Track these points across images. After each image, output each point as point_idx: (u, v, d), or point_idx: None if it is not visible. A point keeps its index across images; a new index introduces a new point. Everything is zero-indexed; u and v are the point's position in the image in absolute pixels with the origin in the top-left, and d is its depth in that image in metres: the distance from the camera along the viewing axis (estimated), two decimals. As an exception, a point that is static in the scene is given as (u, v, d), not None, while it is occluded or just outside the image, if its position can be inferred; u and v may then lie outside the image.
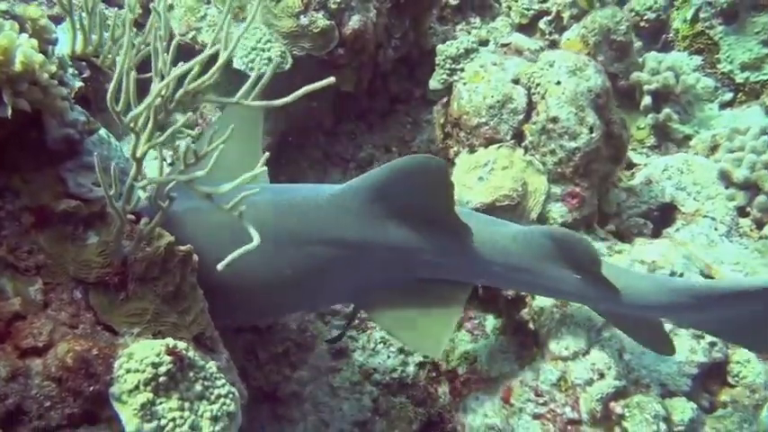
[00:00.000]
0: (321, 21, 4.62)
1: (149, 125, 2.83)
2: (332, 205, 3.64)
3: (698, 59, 5.93)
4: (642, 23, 6.37)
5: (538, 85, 4.52)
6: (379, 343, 4.72)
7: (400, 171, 3.46)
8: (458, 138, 4.68)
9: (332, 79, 2.74)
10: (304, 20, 4.61)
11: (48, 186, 3.04)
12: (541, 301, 4.17)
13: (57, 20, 4.11)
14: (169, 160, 4.71)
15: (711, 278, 4.21)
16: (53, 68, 2.93)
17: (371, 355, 4.70)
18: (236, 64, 4.65)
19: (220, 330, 3.38)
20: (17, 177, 3.00)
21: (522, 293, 4.27)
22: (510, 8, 6.26)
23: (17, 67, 2.70)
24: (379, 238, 3.65)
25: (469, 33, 5.80)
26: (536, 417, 3.90)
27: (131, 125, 2.81)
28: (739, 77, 5.79)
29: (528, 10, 6.20)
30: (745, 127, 5.04)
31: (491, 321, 4.55)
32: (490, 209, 4.32)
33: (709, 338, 3.96)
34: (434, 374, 4.66)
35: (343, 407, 4.57)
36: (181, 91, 2.89)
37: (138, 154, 2.86)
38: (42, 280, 2.94)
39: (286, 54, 4.61)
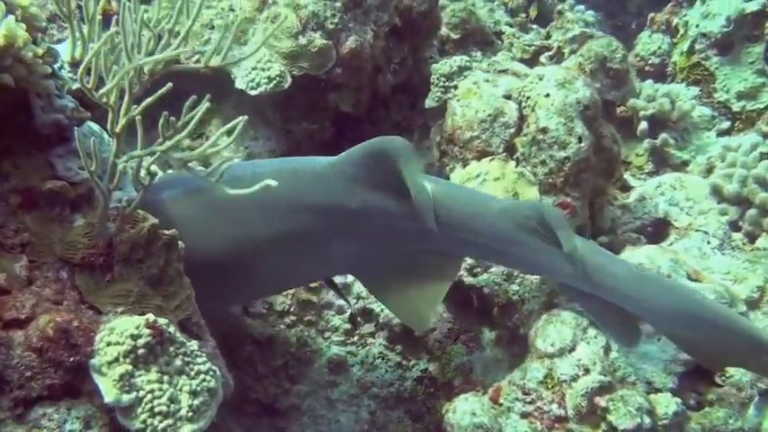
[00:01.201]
0: (318, 40, 4.76)
1: (125, 99, 2.92)
2: (332, 173, 3.80)
3: (695, 90, 6.03)
4: (647, 68, 6.51)
5: (528, 98, 4.62)
6: (378, 358, 4.76)
7: (374, 148, 3.68)
8: (452, 153, 4.77)
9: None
10: (302, 40, 4.75)
11: (37, 170, 3.13)
12: (531, 305, 4.22)
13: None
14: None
15: (698, 282, 4.23)
16: (39, 51, 3.05)
17: (370, 369, 4.74)
18: (239, 84, 4.79)
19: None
20: (7, 162, 3.09)
21: (514, 299, 4.32)
22: (512, 44, 6.40)
23: (0, 42, 2.82)
24: (376, 205, 3.81)
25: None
26: (524, 415, 3.90)
27: (105, 100, 2.91)
28: (736, 106, 5.89)
29: (530, 46, 6.35)
30: (737, 144, 5.10)
31: (486, 334, 4.59)
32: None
33: (695, 337, 3.99)
34: (432, 389, 4.69)
35: (341, 419, 4.60)
36: (152, 60, 2.97)
37: (117, 129, 2.95)
38: (27, 258, 2.99)
39: (285, 73, 4.74)
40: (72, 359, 2.83)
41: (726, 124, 5.88)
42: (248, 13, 4.97)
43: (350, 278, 4.84)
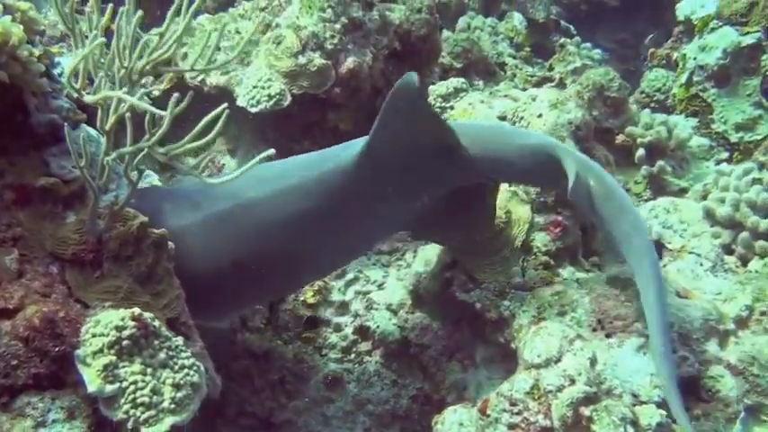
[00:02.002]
0: (318, 60, 4.87)
1: (115, 98, 3.01)
2: (359, 167, 3.82)
3: (693, 121, 6.08)
4: (652, 104, 6.58)
5: (521, 118, 4.71)
6: (374, 375, 4.80)
7: (390, 110, 3.67)
8: (446, 172, 4.85)
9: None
10: (302, 59, 4.86)
11: (32, 168, 3.21)
12: (521, 319, 4.26)
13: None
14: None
15: (687, 299, 4.27)
16: (36, 52, 3.16)
17: (365, 387, 4.77)
18: (240, 102, 4.91)
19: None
20: (3, 159, 3.18)
21: (506, 314, 4.36)
22: (515, 75, 6.50)
23: (-5, 38, 2.93)
24: (415, 167, 3.92)
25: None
26: (511, 427, 3.90)
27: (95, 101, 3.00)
28: (734, 137, 5.93)
29: (532, 76, 6.44)
30: (730, 169, 5.14)
31: (481, 352, 4.62)
32: (474, 233, 4.46)
33: (681, 352, 4.01)
34: (427, 407, 4.72)
35: (336, 435, 4.65)
36: (143, 61, 3.07)
37: (107, 127, 3.04)
38: (19, 251, 3.06)
39: (285, 91, 4.84)
40: (57, 349, 2.89)
41: (724, 155, 5.91)
42: (253, 35, 5.09)
43: (348, 296, 4.91)
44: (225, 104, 3.05)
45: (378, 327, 4.81)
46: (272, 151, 3.04)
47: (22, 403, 2.85)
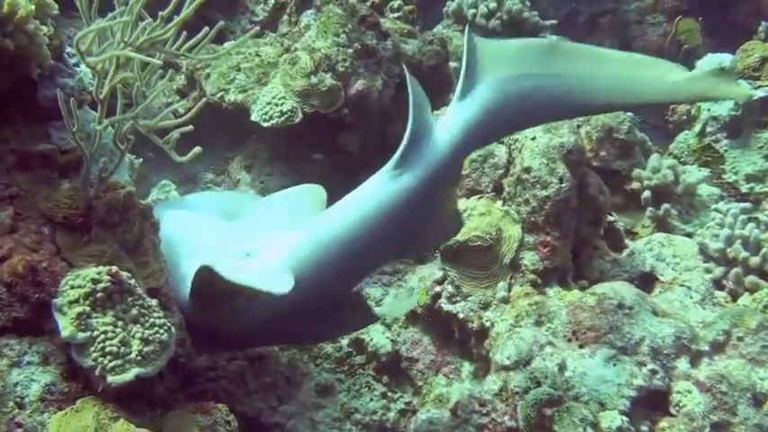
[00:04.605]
0: (328, 80, 5.14)
1: (112, 67, 3.27)
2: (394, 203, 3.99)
3: (705, 171, 6.19)
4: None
5: (516, 140, 4.89)
6: (364, 387, 4.93)
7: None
8: (445, 194, 5.04)
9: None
10: (314, 79, 5.13)
11: (34, 138, 3.47)
12: (500, 327, 4.39)
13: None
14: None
15: (663, 317, 4.36)
16: (44, 29, 3.45)
17: (355, 396, 4.89)
18: (253, 117, 5.19)
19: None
20: (9, 129, 3.45)
21: (487, 325, 4.50)
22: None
23: (4, 9, 3.21)
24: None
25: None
26: (479, 427, 4.04)
27: (93, 65, 3.26)
28: (744, 188, 6.00)
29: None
30: (727, 207, 5.26)
31: (467, 367, 4.74)
32: (463, 248, 4.62)
33: (651, 365, 4.09)
34: (414, 421, 4.84)
35: (323, 440, 4.77)
36: (143, 38, 3.31)
37: (102, 96, 3.29)
38: (14, 209, 3.29)
39: (297, 109, 5.11)
40: (37, 296, 3.09)
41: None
42: (272, 58, 5.40)
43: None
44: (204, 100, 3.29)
45: (371, 340, 4.95)
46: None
47: (1, 344, 3.06)
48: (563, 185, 4.69)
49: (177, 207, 4.64)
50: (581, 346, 4.18)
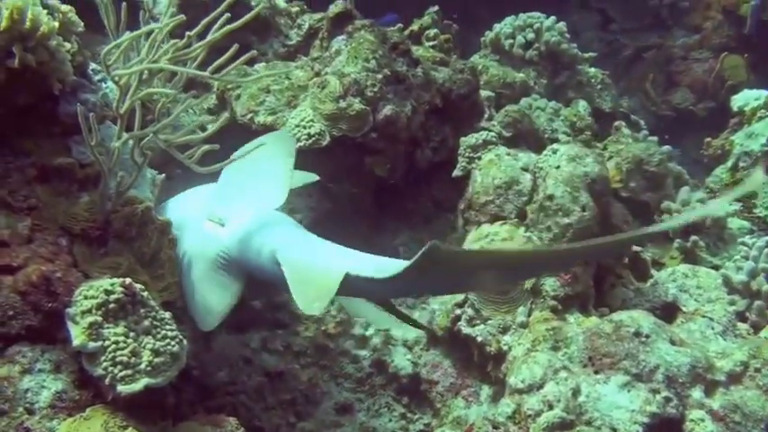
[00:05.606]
0: (357, 105, 5.19)
1: (135, 83, 3.35)
2: None
3: (737, 205, 6.14)
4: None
5: (541, 168, 4.90)
6: (384, 407, 4.95)
7: None
8: (471, 218, 5.06)
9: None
10: (342, 103, 5.19)
11: (55, 151, 3.57)
12: (517, 351, 4.38)
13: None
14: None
15: (680, 347, 4.32)
16: (67, 45, 3.54)
17: (374, 416, 4.91)
18: (282, 136, 5.27)
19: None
20: (31, 141, 3.55)
21: (504, 349, 4.50)
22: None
23: (27, 25, 3.30)
24: None
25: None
26: (492, 450, 4.04)
27: (116, 79, 3.34)
28: (775, 222, 5.98)
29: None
30: (753, 240, 5.22)
31: (486, 390, 4.74)
32: (483, 272, 4.63)
33: (665, 393, 4.05)
34: (432, 444, 4.85)
35: (340, 458, 4.80)
36: (167, 56, 3.39)
37: (122, 110, 3.37)
38: (32, 220, 3.38)
39: (324, 132, 5.16)
40: (50, 305, 3.17)
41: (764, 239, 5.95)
42: (302, 81, 5.48)
43: (369, 331, 5.11)
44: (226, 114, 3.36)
45: (393, 361, 4.97)
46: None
47: (14, 351, 3.13)
48: (585, 213, 4.69)
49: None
50: (596, 372, 4.15)
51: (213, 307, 4.11)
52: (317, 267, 3.85)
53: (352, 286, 3.74)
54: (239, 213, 4.30)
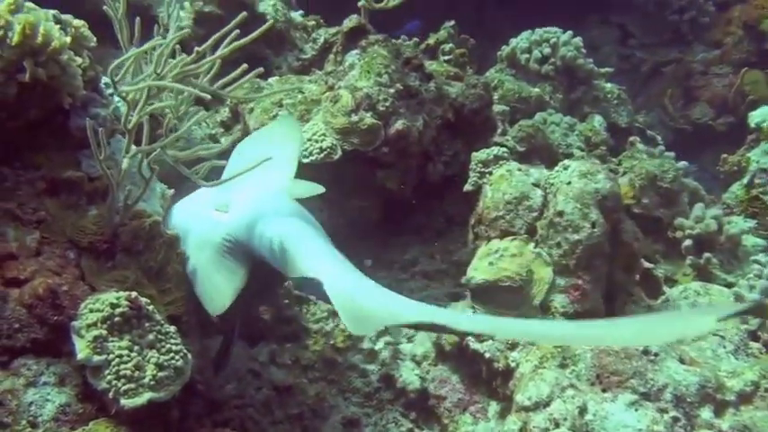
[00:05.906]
0: (368, 119, 5.20)
1: (142, 98, 3.37)
2: None
3: (751, 222, 6.12)
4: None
5: (552, 184, 4.89)
6: (391, 422, 4.94)
7: None
8: (481, 233, 5.05)
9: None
10: (354, 117, 5.20)
11: (65, 165, 3.59)
12: (525, 368, 4.37)
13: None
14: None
15: (690, 366, 4.30)
16: (78, 60, 3.57)
17: (381, 431, 4.91)
18: (294, 150, 5.29)
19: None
20: (42, 155, 3.57)
21: (512, 365, 4.49)
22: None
23: (39, 39, 3.33)
24: None
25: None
26: (498, 467, 4.03)
27: (123, 95, 3.36)
28: (790, 240, 5.94)
29: (594, 163, 6.59)
30: (766, 259, 5.19)
31: (494, 407, 4.73)
32: (493, 287, 4.64)
33: (673, 413, 4.04)
34: (440, 460, 4.84)
35: (346, 473, 4.79)
36: (174, 71, 3.41)
37: (130, 126, 3.39)
38: (41, 234, 3.40)
39: (336, 146, 5.18)
40: (56, 318, 3.18)
41: (779, 257, 5.92)
42: (315, 95, 5.50)
43: (378, 346, 5.10)
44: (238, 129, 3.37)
45: (401, 376, 4.97)
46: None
47: (19, 364, 3.13)
48: (595, 230, 4.68)
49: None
50: (604, 390, 4.14)
51: (221, 290, 4.12)
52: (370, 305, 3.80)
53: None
54: (243, 198, 4.32)
